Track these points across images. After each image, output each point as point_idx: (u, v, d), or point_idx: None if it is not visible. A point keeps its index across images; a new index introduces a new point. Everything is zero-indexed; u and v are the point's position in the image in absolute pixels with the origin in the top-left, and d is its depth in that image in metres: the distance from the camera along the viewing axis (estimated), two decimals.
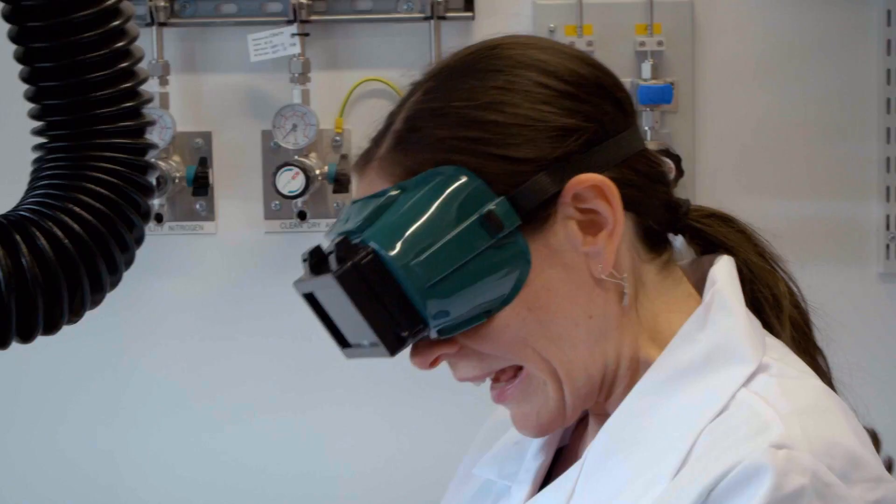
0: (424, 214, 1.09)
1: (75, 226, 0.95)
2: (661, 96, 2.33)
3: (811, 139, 2.41)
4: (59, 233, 0.94)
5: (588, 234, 1.11)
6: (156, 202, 2.42)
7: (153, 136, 2.32)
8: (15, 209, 0.97)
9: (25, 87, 1.01)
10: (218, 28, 2.44)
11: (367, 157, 1.16)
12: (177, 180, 2.42)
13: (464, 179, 1.09)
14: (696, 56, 2.40)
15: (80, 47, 0.98)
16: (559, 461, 1.25)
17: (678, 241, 1.21)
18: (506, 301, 1.10)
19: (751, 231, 1.23)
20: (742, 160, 2.42)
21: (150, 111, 1.03)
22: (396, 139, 1.13)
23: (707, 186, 2.39)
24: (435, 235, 1.08)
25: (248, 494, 2.51)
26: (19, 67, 1.01)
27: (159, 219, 2.42)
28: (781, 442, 1.04)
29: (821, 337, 1.23)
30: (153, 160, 1.02)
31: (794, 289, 1.23)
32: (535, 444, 1.24)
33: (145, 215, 1.01)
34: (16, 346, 0.97)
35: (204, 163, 2.44)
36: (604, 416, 1.15)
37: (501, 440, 1.28)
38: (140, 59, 1.01)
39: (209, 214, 2.47)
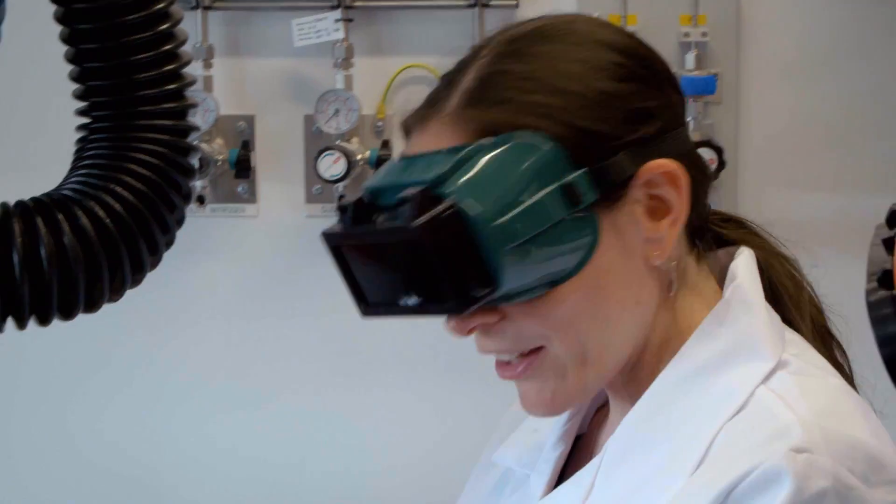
0: (507, 176, 1.06)
1: (117, 206, 0.96)
2: (705, 87, 2.32)
3: (855, 134, 2.40)
4: (101, 213, 0.95)
5: (651, 219, 1.11)
6: (198, 184, 2.43)
7: (196, 118, 2.35)
8: (58, 188, 0.98)
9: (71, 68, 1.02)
10: (262, 12, 2.45)
11: (430, 111, 1.12)
12: (219, 163, 2.43)
13: (547, 146, 1.07)
14: (741, 47, 2.39)
15: (124, 30, 0.98)
16: (577, 450, 1.24)
17: None
18: (569, 275, 1.08)
19: (765, 233, 1.23)
20: (784, 152, 2.41)
21: (194, 94, 1.04)
22: (469, 97, 1.10)
23: (749, 178, 2.39)
24: (516, 199, 1.05)
25: (291, 467, 2.52)
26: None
27: (201, 200, 2.43)
28: (801, 446, 1.03)
29: (839, 332, 1.22)
30: (195, 142, 1.03)
31: (807, 285, 1.22)
32: (555, 433, 1.23)
33: (186, 197, 1.02)
34: (56, 323, 0.98)
35: (246, 146, 2.45)
36: (625, 400, 1.15)
37: (520, 427, 1.27)
38: (183, 42, 1.02)
39: (251, 197, 2.49)
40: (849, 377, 1.20)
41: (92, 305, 0.95)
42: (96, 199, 0.95)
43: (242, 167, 2.43)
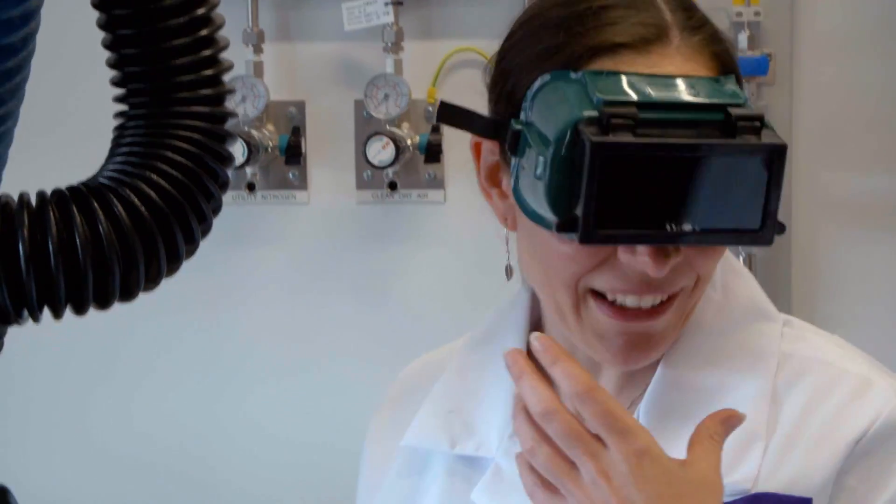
0: None
1: (153, 194, 0.96)
2: (757, 67, 2.30)
3: None
4: (137, 201, 0.95)
5: None
6: (248, 171, 2.43)
7: (247, 104, 2.35)
8: (94, 177, 0.98)
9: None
10: None
11: (664, 33, 1.12)
12: (269, 149, 2.43)
13: None
14: (795, 27, 2.36)
15: (160, 14, 0.98)
16: None
17: None
18: None
19: None
20: (839, 133, 2.38)
21: (244, 80, 1.03)
22: (714, 36, 1.16)
23: (804, 160, 2.36)
24: None
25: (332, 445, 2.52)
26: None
27: (252, 187, 2.44)
28: None
29: None
30: (233, 129, 1.02)
31: None
32: (499, 411, 1.21)
33: (224, 185, 1.01)
34: (99, 313, 0.98)
35: (297, 132, 2.45)
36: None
37: (424, 410, 1.26)
38: (220, 27, 1.01)
39: (301, 183, 2.48)
40: None
41: (128, 294, 0.95)
42: (132, 187, 0.95)
43: (293, 153, 2.43)
